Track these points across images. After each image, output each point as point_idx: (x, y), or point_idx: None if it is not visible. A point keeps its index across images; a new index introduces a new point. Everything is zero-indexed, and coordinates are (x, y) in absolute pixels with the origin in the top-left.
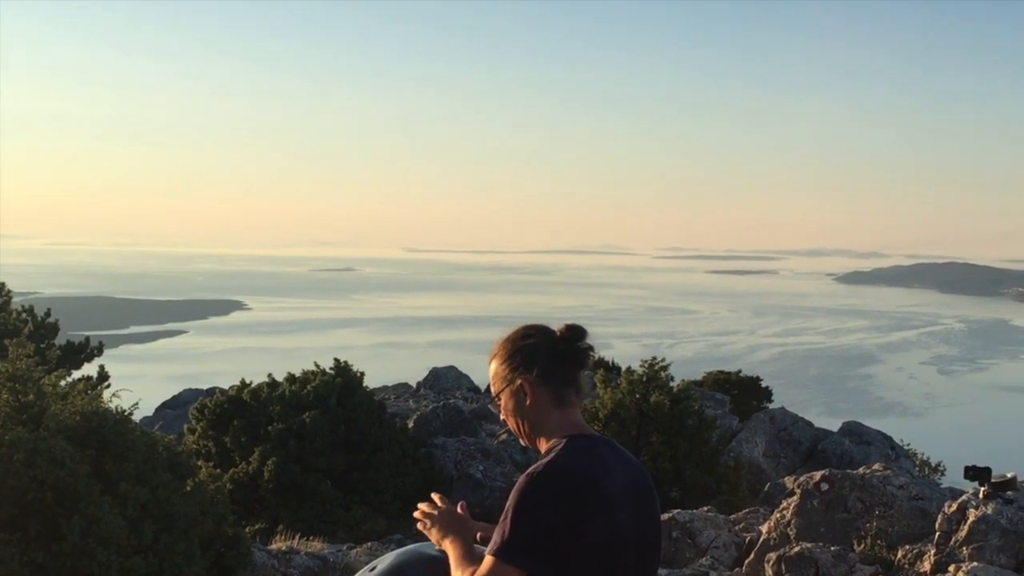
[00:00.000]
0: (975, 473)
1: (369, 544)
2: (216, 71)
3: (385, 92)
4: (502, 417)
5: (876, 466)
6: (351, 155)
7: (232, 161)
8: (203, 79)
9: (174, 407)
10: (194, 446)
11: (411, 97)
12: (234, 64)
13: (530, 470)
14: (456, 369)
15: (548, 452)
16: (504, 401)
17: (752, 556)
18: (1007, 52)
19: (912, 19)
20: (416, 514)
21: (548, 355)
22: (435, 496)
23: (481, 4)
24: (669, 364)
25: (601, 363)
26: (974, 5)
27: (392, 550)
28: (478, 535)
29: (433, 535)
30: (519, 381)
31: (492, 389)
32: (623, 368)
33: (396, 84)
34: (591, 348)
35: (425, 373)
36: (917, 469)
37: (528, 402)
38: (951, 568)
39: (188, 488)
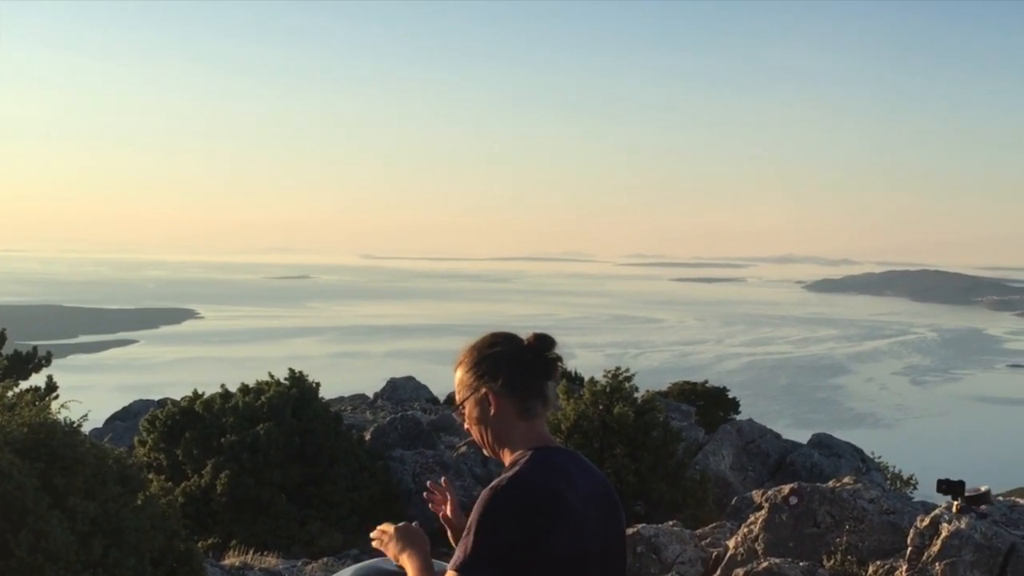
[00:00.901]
0: (948, 487)
1: (325, 560)
2: (167, 72)
3: (341, 95)
4: (466, 426)
5: (846, 479)
6: (307, 160)
7: (185, 166)
8: (154, 81)
9: (124, 418)
10: (145, 459)
11: (368, 100)
12: (185, 65)
13: (493, 484)
14: (414, 379)
15: (512, 465)
16: (468, 410)
17: (719, 572)
18: (981, 55)
19: (882, 20)
20: (372, 534)
21: (514, 364)
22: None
23: (440, 3)
24: (634, 374)
25: (564, 373)
26: (946, 6)
27: (348, 566)
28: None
29: (390, 550)
30: (484, 390)
31: (456, 397)
32: (586, 378)
33: (352, 86)
34: (559, 358)
35: (382, 383)
36: (888, 482)
37: (492, 412)
38: None
39: (139, 502)
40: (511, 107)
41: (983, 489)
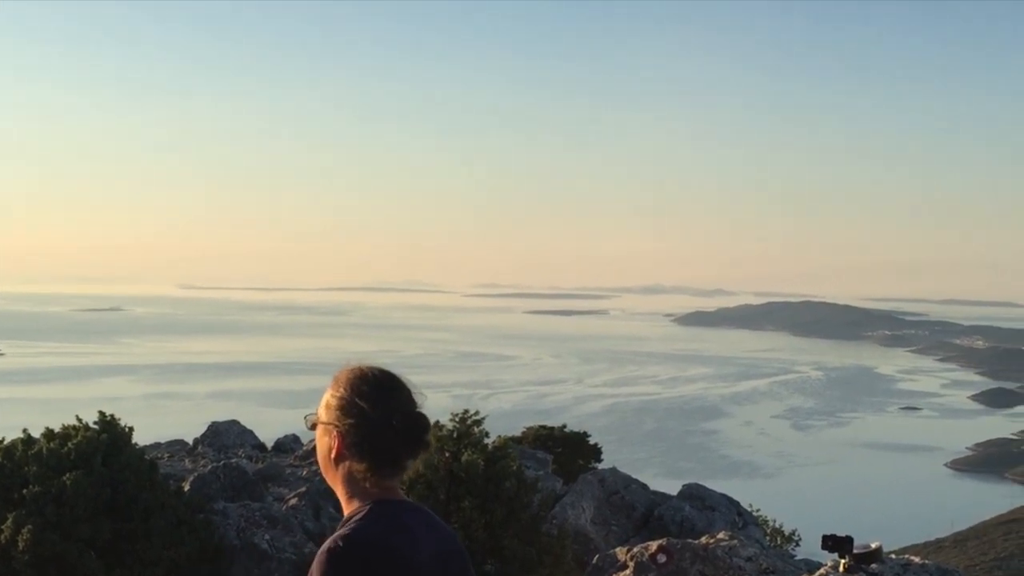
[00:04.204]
0: (834, 543)
1: None
2: None
3: (154, 103)
4: (313, 432)
5: (721, 535)
6: (116, 176)
7: None
8: None
9: None
10: None
11: (185, 109)
12: None
13: (327, 543)
14: (239, 424)
15: (348, 519)
16: (318, 434)
17: None
18: (869, 61)
19: (758, 22)
20: None
21: (376, 437)
22: None
23: (264, 6)
24: (484, 417)
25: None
26: (828, 6)
27: None
28: None
29: None
30: (335, 433)
31: (317, 409)
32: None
33: (167, 95)
34: (430, 444)
35: (203, 428)
36: (768, 538)
37: (332, 456)
38: None
39: None
40: (344, 118)
41: (873, 546)
